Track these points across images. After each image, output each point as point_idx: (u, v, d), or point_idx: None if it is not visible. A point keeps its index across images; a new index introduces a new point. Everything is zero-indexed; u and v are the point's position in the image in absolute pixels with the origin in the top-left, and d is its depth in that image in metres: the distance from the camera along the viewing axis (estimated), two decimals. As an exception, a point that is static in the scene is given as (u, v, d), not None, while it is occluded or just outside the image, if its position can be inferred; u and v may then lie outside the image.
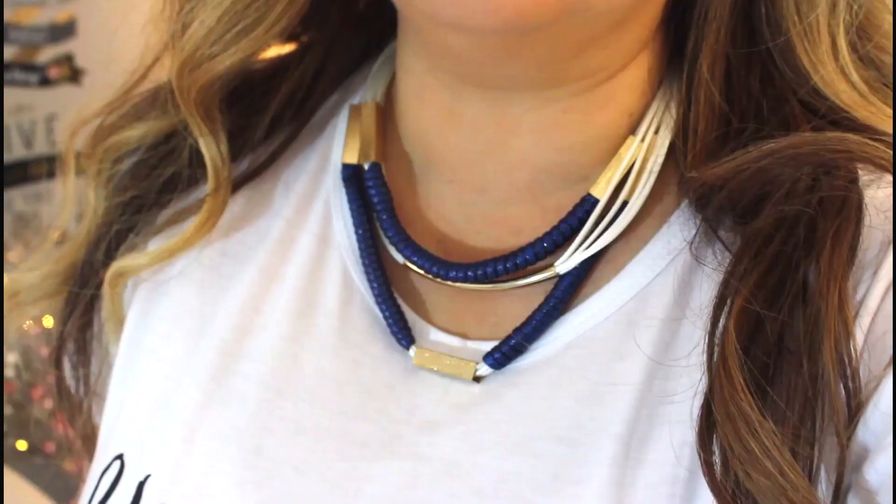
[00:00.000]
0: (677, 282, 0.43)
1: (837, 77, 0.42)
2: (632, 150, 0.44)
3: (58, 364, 0.56)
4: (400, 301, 0.46)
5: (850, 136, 0.40)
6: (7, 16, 1.33)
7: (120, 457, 0.46)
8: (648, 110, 0.45)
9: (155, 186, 0.52)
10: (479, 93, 0.43)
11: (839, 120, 0.42)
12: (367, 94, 0.50)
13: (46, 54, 1.34)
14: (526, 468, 0.42)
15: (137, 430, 0.47)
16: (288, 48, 0.53)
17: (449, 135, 0.45)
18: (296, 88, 0.51)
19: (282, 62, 0.52)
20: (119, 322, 0.52)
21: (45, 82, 1.34)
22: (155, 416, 0.47)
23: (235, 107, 0.50)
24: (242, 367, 0.46)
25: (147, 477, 0.44)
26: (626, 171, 0.45)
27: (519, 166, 0.45)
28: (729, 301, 0.39)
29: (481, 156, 0.45)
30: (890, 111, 0.42)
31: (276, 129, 0.52)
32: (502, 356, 0.43)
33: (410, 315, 0.46)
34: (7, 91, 1.35)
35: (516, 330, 0.44)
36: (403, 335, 0.45)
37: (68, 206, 0.56)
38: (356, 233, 0.47)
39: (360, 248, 0.47)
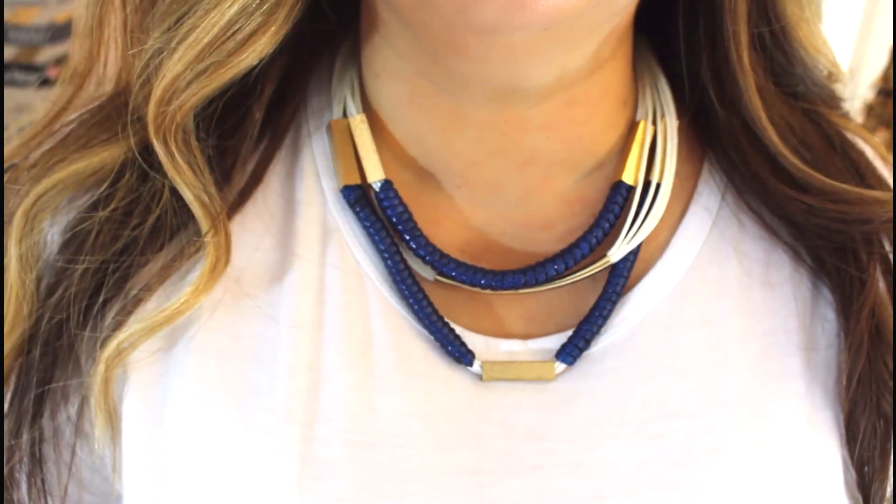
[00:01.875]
0: (733, 250, 0.46)
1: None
2: (648, 134, 0.46)
3: (10, 489, 0.44)
4: (444, 317, 0.45)
5: None
6: (7, 16, 1.33)
7: None
8: (641, 96, 0.47)
9: (134, 241, 0.43)
10: (482, 92, 0.42)
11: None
12: (338, 106, 0.46)
13: (46, 54, 1.33)
14: (654, 450, 0.42)
15: None
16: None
17: (452, 139, 0.44)
18: (270, 102, 0.46)
19: (249, 71, 0.43)
20: (109, 415, 0.43)
21: (45, 82, 1.33)
22: None
23: (207, 128, 0.43)
24: (319, 432, 0.42)
25: None
26: (647, 155, 0.46)
27: (531, 162, 0.45)
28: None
29: (491, 156, 0.44)
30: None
31: (251, 150, 0.46)
32: (576, 349, 0.44)
33: (457, 328, 0.44)
34: (7, 91, 1.34)
35: (584, 321, 0.44)
36: (462, 353, 0.43)
37: None
38: (384, 258, 0.44)
39: (392, 273, 0.44)
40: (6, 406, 0.44)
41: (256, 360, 0.43)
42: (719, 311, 0.45)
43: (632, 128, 0.47)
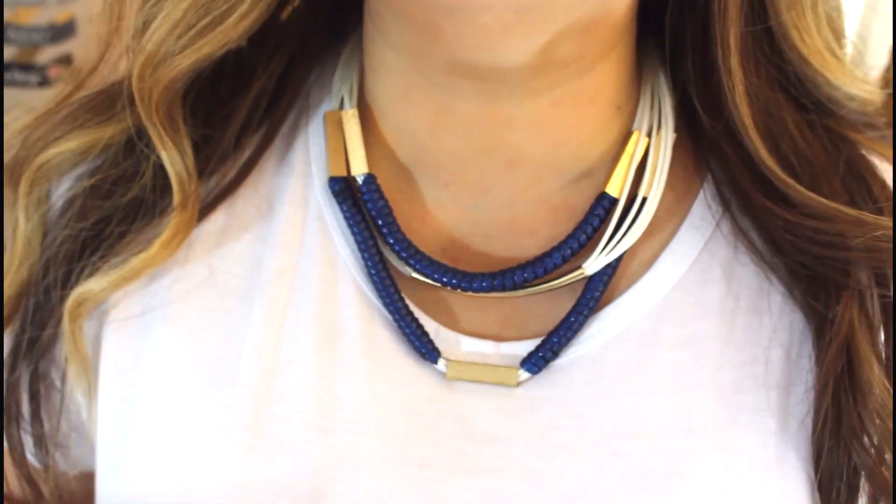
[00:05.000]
0: (721, 273, 0.44)
1: (822, 45, 0.44)
2: (640, 146, 0.44)
3: (7, 419, 0.49)
4: (418, 312, 0.45)
5: None
6: (7, 16, 1.33)
7: None
8: (640, 104, 0.45)
9: (115, 212, 0.47)
10: (469, 85, 0.42)
11: (821, 100, 0.45)
12: (336, 99, 0.48)
13: (46, 54, 1.33)
14: (608, 468, 0.42)
15: (165, 498, 0.43)
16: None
17: (442, 135, 0.45)
18: (263, 92, 0.48)
19: (244, 63, 0.48)
20: (83, 364, 0.46)
21: (45, 82, 1.33)
22: (186, 477, 0.43)
23: (198, 115, 0.46)
24: (277, 411, 0.44)
25: None
26: (636, 167, 0.45)
27: (518, 163, 0.45)
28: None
29: (478, 154, 0.45)
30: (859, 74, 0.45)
31: (245, 138, 0.48)
32: (541, 359, 0.43)
33: (432, 325, 0.45)
34: (7, 91, 1.34)
35: (553, 332, 0.44)
36: (428, 350, 0.44)
37: None
38: (361, 250, 0.45)
39: (368, 266, 0.45)
40: (9, 343, 0.49)
41: (228, 337, 0.45)
42: (698, 333, 0.43)
43: (626, 137, 0.46)
